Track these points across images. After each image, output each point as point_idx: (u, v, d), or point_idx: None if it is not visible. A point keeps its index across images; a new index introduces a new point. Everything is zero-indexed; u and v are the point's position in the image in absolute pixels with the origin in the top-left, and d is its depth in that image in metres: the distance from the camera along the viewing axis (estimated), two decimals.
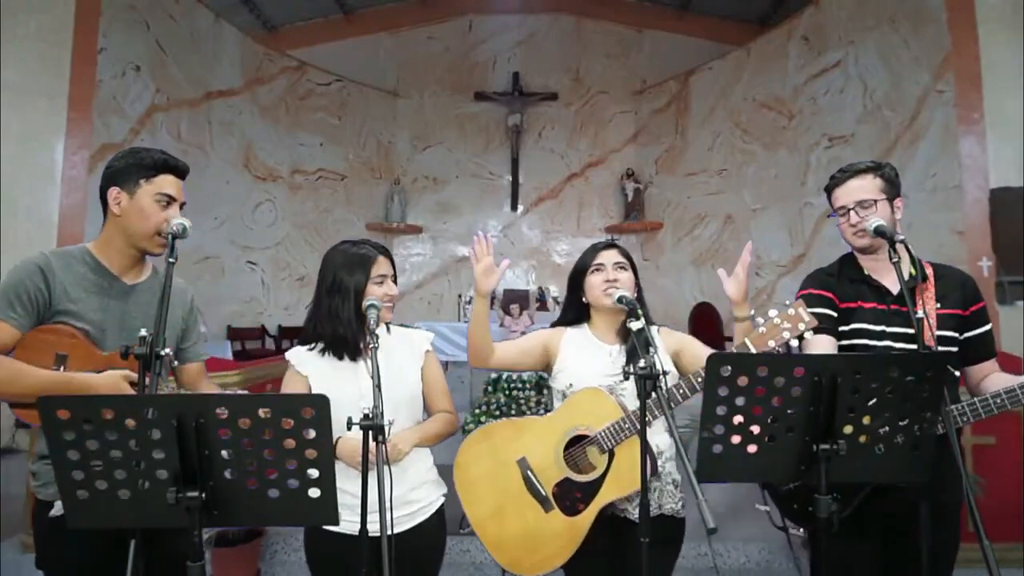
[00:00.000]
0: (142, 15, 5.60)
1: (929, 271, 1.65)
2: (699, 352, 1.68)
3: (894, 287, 1.64)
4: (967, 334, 1.63)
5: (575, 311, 1.81)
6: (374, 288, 1.61)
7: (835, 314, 1.67)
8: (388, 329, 1.72)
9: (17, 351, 1.40)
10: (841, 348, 1.68)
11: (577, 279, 1.78)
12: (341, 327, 1.59)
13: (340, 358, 1.61)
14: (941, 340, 1.59)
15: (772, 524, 1.75)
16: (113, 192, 1.51)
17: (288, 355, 1.66)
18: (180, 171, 1.56)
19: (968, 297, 1.63)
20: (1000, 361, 1.67)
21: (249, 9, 7.75)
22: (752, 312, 1.59)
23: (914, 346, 1.58)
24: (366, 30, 8.56)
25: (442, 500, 1.70)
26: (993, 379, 1.60)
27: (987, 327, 1.65)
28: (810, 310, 1.51)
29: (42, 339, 1.41)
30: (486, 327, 1.72)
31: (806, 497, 1.67)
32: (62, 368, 1.40)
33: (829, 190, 1.73)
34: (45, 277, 1.43)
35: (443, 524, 1.70)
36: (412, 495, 1.61)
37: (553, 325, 1.88)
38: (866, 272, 1.70)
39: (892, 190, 1.66)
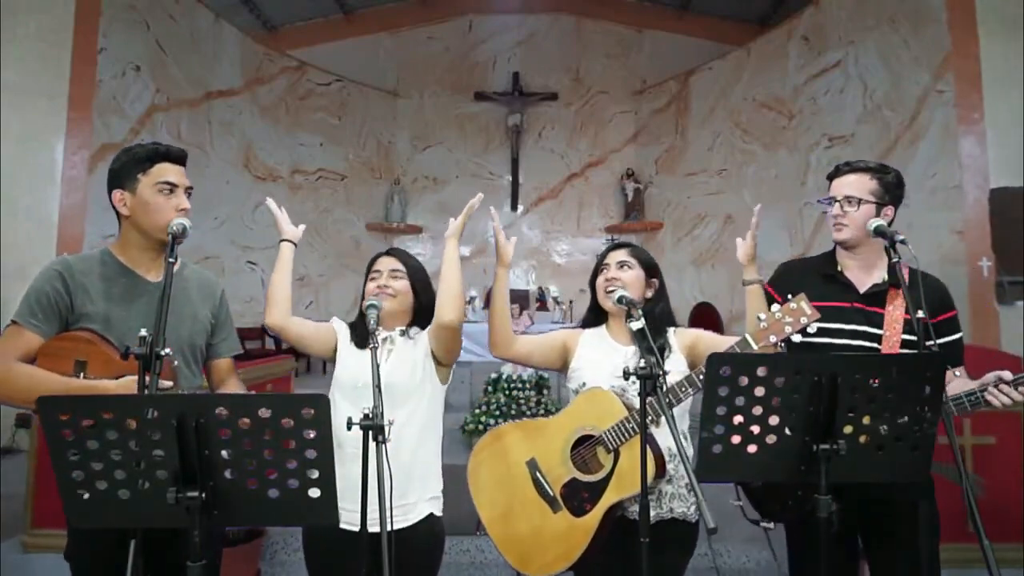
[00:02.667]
0: (142, 15, 5.60)
1: (905, 275, 1.66)
2: (712, 342, 1.69)
3: (862, 286, 1.66)
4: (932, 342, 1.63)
5: (594, 314, 1.83)
6: (369, 285, 1.74)
7: None
8: (410, 333, 1.75)
9: (38, 359, 1.40)
10: (802, 347, 1.69)
11: (592, 282, 1.81)
12: (356, 324, 1.76)
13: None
14: (904, 344, 1.62)
15: (745, 518, 1.76)
16: (117, 195, 1.51)
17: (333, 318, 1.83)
18: (175, 157, 1.54)
19: (935, 306, 1.63)
20: (1000, 361, 1.68)
21: (249, 9, 7.75)
22: (761, 278, 1.68)
23: (874, 345, 1.63)
24: (366, 30, 8.56)
25: (437, 502, 1.70)
26: (953, 384, 1.61)
27: (955, 336, 1.66)
28: None
29: (60, 346, 1.41)
30: (508, 308, 1.78)
31: (772, 492, 1.69)
32: (82, 375, 1.40)
33: (830, 179, 1.76)
34: (64, 281, 1.43)
35: (439, 525, 1.70)
36: (407, 487, 1.61)
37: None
38: (839, 268, 1.72)
39: (886, 196, 1.67)
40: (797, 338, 1.49)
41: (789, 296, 1.52)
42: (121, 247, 1.54)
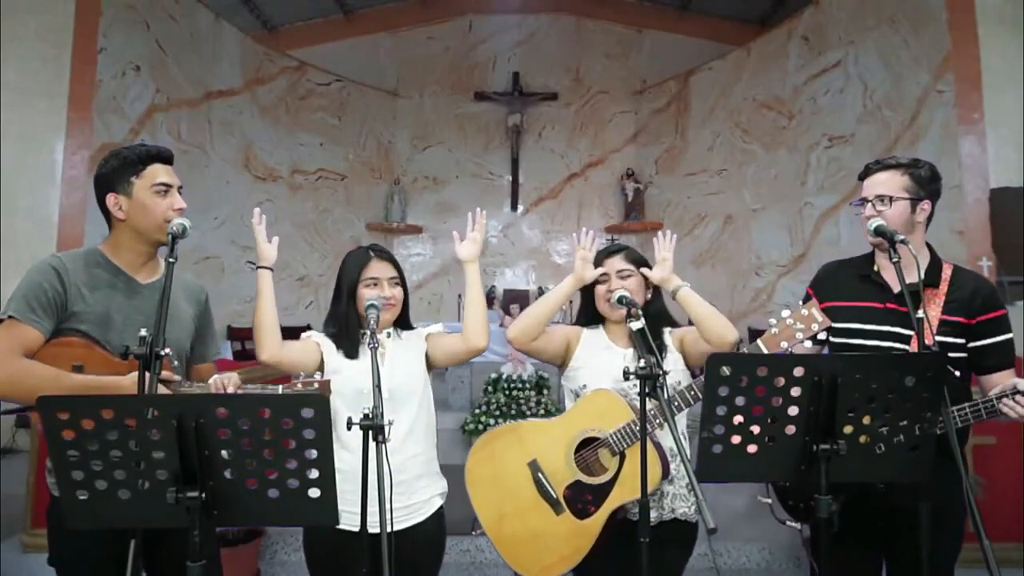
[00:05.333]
0: (142, 15, 5.60)
1: (947, 274, 1.63)
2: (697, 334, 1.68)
3: (896, 286, 1.63)
4: (974, 344, 1.58)
5: (589, 314, 1.83)
6: (365, 291, 1.68)
7: None
8: (399, 334, 1.75)
9: None
10: (834, 347, 1.69)
11: (587, 286, 1.78)
12: (336, 325, 1.71)
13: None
14: (940, 346, 1.56)
15: (773, 516, 1.76)
16: (111, 199, 1.50)
17: (308, 331, 1.76)
18: (165, 158, 1.55)
19: (975, 307, 1.58)
20: None
21: (249, 9, 7.75)
22: (687, 284, 1.70)
23: (906, 347, 1.59)
24: (366, 30, 8.55)
25: (442, 499, 1.70)
26: (996, 390, 1.53)
27: (1000, 338, 1.58)
28: None
29: (56, 352, 1.39)
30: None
31: (799, 493, 1.68)
32: None
33: (861, 180, 1.74)
34: (60, 278, 1.42)
35: (443, 523, 1.70)
36: (413, 486, 1.62)
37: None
38: (875, 268, 1.70)
39: (919, 191, 1.65)
40: (822, 336, 1.48)
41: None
42: (113, 248, 1.54)
